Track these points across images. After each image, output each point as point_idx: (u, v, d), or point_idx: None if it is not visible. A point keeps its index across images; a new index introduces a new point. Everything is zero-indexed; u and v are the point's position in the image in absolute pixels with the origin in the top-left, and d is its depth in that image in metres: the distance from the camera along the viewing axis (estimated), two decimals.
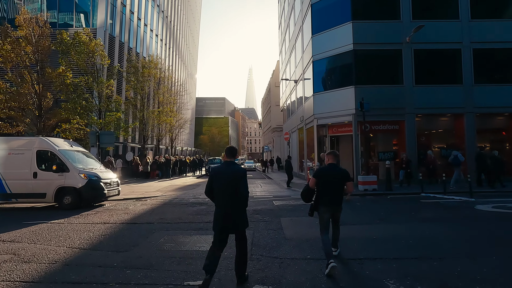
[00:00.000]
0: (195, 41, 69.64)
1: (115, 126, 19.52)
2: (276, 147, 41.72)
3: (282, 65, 31.45)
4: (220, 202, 3.66)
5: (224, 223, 3.62)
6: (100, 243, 5.55)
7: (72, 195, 9.20)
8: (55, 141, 9.88)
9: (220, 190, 3.65)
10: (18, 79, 16.37)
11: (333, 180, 4.44)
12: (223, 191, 3.62)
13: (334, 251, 4.71)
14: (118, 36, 28.34)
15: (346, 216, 7.51)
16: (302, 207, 9.11)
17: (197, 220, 7.36)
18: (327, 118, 15.97)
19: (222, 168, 3.73)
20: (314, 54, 16.51)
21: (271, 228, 6.52)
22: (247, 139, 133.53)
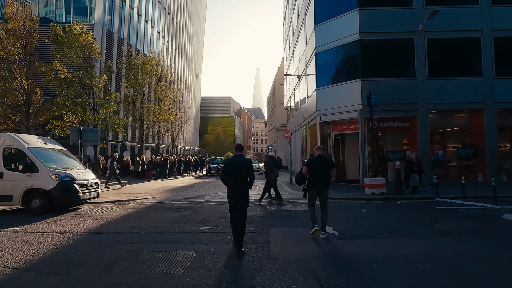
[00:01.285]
0: (200, 41, 68.86)
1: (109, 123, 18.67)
2: (281, 147, 40.52)
3: (286, 61, 30.25)
4: (232, 184, 4.89)
5: (234, 198, 4.88)
6: (42, 260, 4.53)
7: (42, 198, 8.24)
8: (25, 138, 8.95)
9: (232, 176, 4.87)
10: (6, 74, 15.64)
11: (321, 167, 5.77)
12: (234, 176, 4.85)
13: (323, 234, 5.64)
14: (116, 32, 27.60)
15: (349, 226, 6.34)
16: (298, 213, 7.94)
17: (172, 230, 6.29)
18: (331, 115, 14.73)
19: (233, 159, 5.00)
20: (317, 46, 15.29)
21: (256, 241, 5.39)
22: (253, 139, 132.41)
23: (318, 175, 5.74)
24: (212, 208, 9.04)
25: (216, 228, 6.38)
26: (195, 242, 5.41)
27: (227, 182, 4.97)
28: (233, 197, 4.88)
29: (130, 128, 29.63)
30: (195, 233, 6.05)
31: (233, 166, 4.91)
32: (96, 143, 12.96)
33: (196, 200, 10.58)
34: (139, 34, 32.32)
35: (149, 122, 26.47)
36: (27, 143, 8.74)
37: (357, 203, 9.82)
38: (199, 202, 10.09)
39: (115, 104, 19.00)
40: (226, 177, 4.99)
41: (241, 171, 4.83)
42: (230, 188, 4.92)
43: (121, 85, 26.65)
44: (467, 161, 13.47)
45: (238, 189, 4.84)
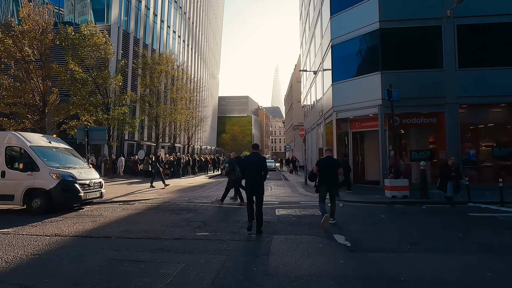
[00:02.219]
0: (217, 40, 68.95)
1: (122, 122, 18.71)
2: (298, 146, 39.52)
3: (303, 57, 29.26)
4: (250, 176, 5.86)
5: (252, 189, 5.81)
6: (16, 269, 4.11)
7: (42, 198, 8.02)
8: (28, 137, 8.79)
9: (250, 170, 5.88)
10: (23, 74, 15.95)
11: (329, 167, 6.55)
12: (252, 170, 5.86)
13: (332, 220, 6.58)
14: (132, 32, 27.84)
15: (364, 235, 5.51)
16: (307, 219, 7.17)
17: (166, 235, 5.74)
18: (349, 111, 13.74)
19: (251, 156, 6.06)
20: (333, 38, 14.33)
21: (254, 252, 4.71)
22: (271, 138, 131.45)
23: (327, 173, 6.59)
24: (216, 210, 8.47)
25: (213, 235, 5.77)
26: (186, 250, 4.82)
27: (246, 175, 6.00)
28: (251, 187, 5.87)
29: (146, 128, 29.89)
30: (189, 239, 5.47)
31: (251, 162, 5.99)
32: (103, 141, 12.82)
33: (202, 202, 10.05)
34: (155, 34, 32.54)
35: (164, 122, 26.51)
36: (30, 141, 8.57)
37: (375, 207, 8.88)
38: (204, 204, 9.56)
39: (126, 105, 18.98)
40: (245, 172, 6.06)
41: (257, 165, 5.93)
42: (249, 180, 5.92)
43: (137, 85, 26.85)
44: (504, 161, 12.02)
45: (255, 181, 5.86)
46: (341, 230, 6.00)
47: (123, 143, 25.98)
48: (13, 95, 15.52)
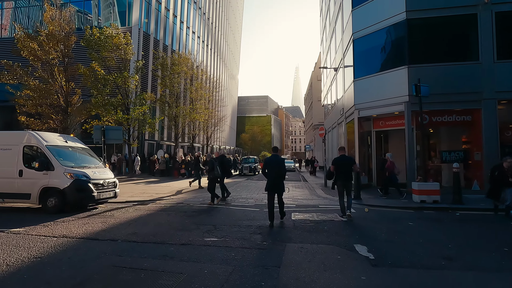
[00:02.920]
0: (237, 40, 69.01)
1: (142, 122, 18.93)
2: (318, 146, 38.50)
3: (323, 55, 28.37)
4: (271, 176, 6.62)
5: (273, 186, 6.60)
6: (14, 274, 3.94)
7: (57, 197, 8.02)
8: (45, 136, 8.87)
9: (271, 170, 6.63)
10: (48, 76, 16.48)
11: (344, 165, 7.19)
12: (272, 170, 6.62)
13: (348, 213, 7.09)
14: (153, 34, 28.25)
15: (389, 246, 4.89)
16: (326, 225, 6.60)
17: (173, 240, 5.42)
18: (371, 109, 12.90)
19: (271, 158, 6.83)
20: (355, 32, 13.54)
21: (264, 263, 4.25)
22: (291, 138, 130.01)
23: (342, 171, 7.18)
24: (229, 213, 8.10)
25: (222, 241, 5.38)
26: (191, 258, 4.46)
27: (268, 175, 6.76)
28: (272, 185, 6.65)
29: (166, 128, 30.27)
30: (196, 245, 5.11)
31: (272, 163, 6.75)
32: (120, 141, 12.89)
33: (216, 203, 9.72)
34: (174, 35, 32.90)
35: (183, 121, 26.69)
36: (46, 141, 8.63)
37: (402, 213, 8.12)
38: (217, 206, 9.22)
39: (145, 105, 19.16)
40: (266, 171, 6.76)
41: (277, 166, 6.69)
42: (270, 179, 6.70)
43: (157, 85, 27.22)
44: None
45: (275, 179, 6.67)
46: (363, 239, 5.40)
47: (143, 143, 26.43)
48: (39, 96, 16.07)
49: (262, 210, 8.48)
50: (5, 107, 20.68)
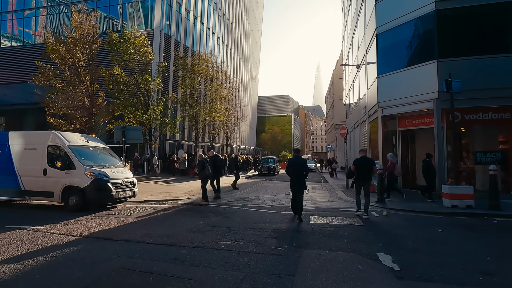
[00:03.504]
0: (257, 40, 68.89)
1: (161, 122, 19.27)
2: (339, 146, 37.49)
3: (345, 52, 27.51)
4: (294, 175, 7.23)
5: (296, 184, 7.19)
6: (27, 273, 3.94)
7: (77, 196, 8.21)
8: (67, 136, 9.13)
9: (294, 169, 7.26)
10: (75, 78, 17.15)
11: (364, 166, 7.62)
12: (296, 169, 7.23)
13: (365, 216, 7.38)
14: (174, 35, 28.73)
15: (417, 257, 4.45)
16: (346, 230, 6.21)
17: (185, 242, 5.29)
18: (397, 107, 12.20)
19: (294, 159, 7.51)
20: (379, 26, 12.88)
21: (278, 271, 3.98)
22: (312, 138, 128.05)
23: (362, 171, 7.61)
24: (245, 214, 7.89)
25: (236, 244, 5.17)
26: (201, 263, 4.28)
27: (291, 174, 7.33)
28: (296, 184, 7.24)
29: (186, 128, 30.71)
30: (209, 249, 4.93)
31: (295, 163, 7.37)
32: (140, 141, 13.10)
33: (233, 204, 9.57)
34: (195, 36, 33.29)
35: (203, 121, 26.95)
36: (68, 140, 8.87)
37: (431, 218, 7.52)
38: (234, 207, 9.05)
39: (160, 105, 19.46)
40: (290, 171, 7.35)
41: (299, 166, 7.26)
42: (293, 178, 7.29)
43: (177, 86, 27.65)
44: None
45: (298, 179, 7.22)
46: (387, 247, 4.98)
47: (165, 143, 26.96)
48: (66, 98, 16.76)
49: (279, 212, 8.20)
50: (37, 109, 21.86)
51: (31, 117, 28.94)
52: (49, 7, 29.96)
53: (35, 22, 30.50)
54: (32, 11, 30.18)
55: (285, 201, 10.21)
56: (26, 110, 28.38)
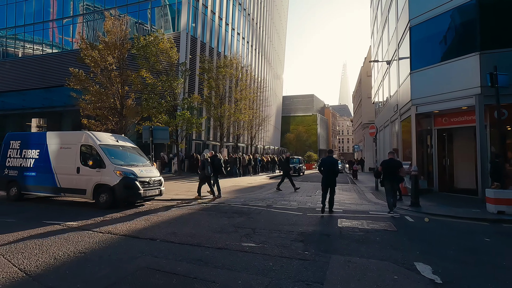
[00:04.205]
0: (282, 40, 68.39)
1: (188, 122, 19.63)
2: (368, 146, 36.10)
3: (374, 48, 26.38)
4: (326, 174, 8.10)
5: (328, 183, 7.99)
6: (58, 268, 4.06)
7: (108, 193, 8.49)
8: (98, 136, 9.49)
9: (326, 168, 8.17)
10: (106, 81, 17.94)
11: (391, 167, 8.12)
12: (328, 168, 8.14)
13: (391, 214, 7.91)
14: (199, 37, 29.23)
15: (460, 268, 4.01)
16: (378, 235, 5.81)
17: (209, 243, 5.20)
18: (432, 104, 11.38)
19: (327, 158, 8.33)
20: (412, 18, 12.11)
21: (305, 278, 3.75)
22: (338, 138, 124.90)
23: (389, 172, 8.11)
24: (270, 216, 7.70)
25: (260, 247, 5.00)
26: (225, 265, 4.16)
27: (323, 173, 8.23)
28: (327, 181, 8.02)
29: (211, 128, 31.13)
30: (233, 250, 4.81)
31: (327, 163, 8.24)
32: (166, 140, 13.36)
33: (257, 204, 9.42)
34: (220, 37, 33.67)
35: (228, 122, 27.18)
36: (100, 140, 9.21)
37: (474, 225, 6.86)
38: (258, 207, 8.90)
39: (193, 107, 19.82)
40: (322, 169, 8.34)
41: (331, 165, 8.19)
42: (325, 176, 8.12)
43: (203, 87, 28.10)
44: None
45: (330, 177, 8.06)
46: (425, 256, 4.55)
47: (191, 143, 27.51)
48: (98, 100, 17.58)
49: (305, 214, 7.92)
50: (74, 110, 23.19)
51: (69, 118, 30.89)
52: (84, 15, 31.75)
53: (73, 30, 32.46)
54: (70, 19, 32.17)
55: (311, 202, 9.89)
56: (64, 112, 30.35)
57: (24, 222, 6.76)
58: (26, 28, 33.77)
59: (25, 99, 31.63)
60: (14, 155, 9.96)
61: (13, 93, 31.26)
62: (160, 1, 28.66)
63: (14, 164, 9.89)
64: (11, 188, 9.85)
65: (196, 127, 20.39)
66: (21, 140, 10.11)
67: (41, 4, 33.09)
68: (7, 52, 34.81)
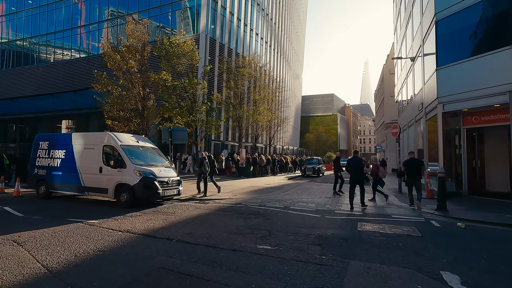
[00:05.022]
0: (301, 40, 67.70)
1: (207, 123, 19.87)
2: (390, 147, 34.83)
3: (397, 44, 25.42)
4: (353, 172, 9.08)
5: (355, 181, 9.00)
6: (77, 266, 4.17)
7: (128, 193, 8.71)
8: (120, 136, 9.77)
9: (353, 167, 9.14)
10: (128, 83, 18.51)
11: (413, 166, 8.91)
12: (355, 167, 9.10)
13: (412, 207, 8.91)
14: (218, 39, 29.52)
15: (495, 280, 3.70)
16: (401, 240, 5.51)
17: (225, 244, 5.16)
18: (461, 102, 10.73)
19: (353, 158, 9.43)
20: (438, 11, 11.49)
21: (321, 284, 3.60)
22: (360, 138, 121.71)
23: (412, 171, 8.85)
24: (287, 218, 7.56)
25: (276, 250, 4.89)
26: (239, 268, 4.09)
27: (350, 172, 9.17)
28: (354, 178, 9.02)
29: (230, 128, 31.35)
30: (248, 253, 4.74)
31: (353, 162, 9.22)
32: (185, 141, 13.56)
33: (274, 206, 9.30)
34: (239, 38, 33.83)
35: (246, 123, 27.26)
36: (121, 141, 9.49)
37: (508, 232, 6.35)
38: (275, 209, 8.78)
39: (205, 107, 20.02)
40: (349, 168, 9.29)
41: (357, 164, 9.12)
42: (352, 173, 9.10)
43: (222, 88, 28.36)
44: None
45: (357, 174, 9.03)
46: (453, 265, 4.24)
47: (210, 143, 27.82)
48: (121, 102, 18.16)
49: (323, 216, 7.71)
50: (99, 112, 24.16)
51: (95, 119, 32.21)
52: (109, 20, 33.04)
53: (99, 35, 33.85)
54: (96, 24, 33.59)
55: (329, 204, 9.63)
56: (91, 113, 31.69)
57: (50, 219, 7.08)
58: (56, 34, 35.66)
59: (56, 102, 33.36)
60: (43, 155, 10.49)
61: (45, 96, 33.08)
62: (180, 4, 29.22)
63: (43, 164, 10.42)
64: (40, 187, 10.38)
65: (215, 128, 20.59)
66: (49, 141, 10.63)
67: (70, 12, 34.81)
68: (40, 58, 36.91)
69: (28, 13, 37.32)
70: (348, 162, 9.60)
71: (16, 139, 38.83)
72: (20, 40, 37.93)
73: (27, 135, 37.43)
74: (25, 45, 37.71)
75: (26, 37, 37.43)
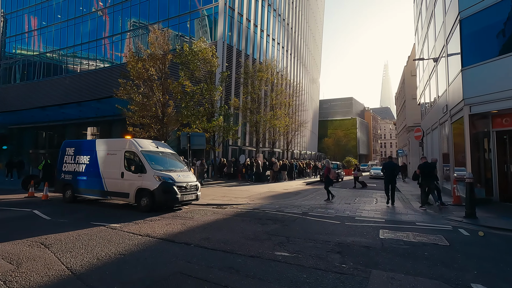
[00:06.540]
0: (318, 44, 67.29)
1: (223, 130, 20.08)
2: (413, 150, 33.53)
3: (419, 45, 24.63)
4: (386, 175, 10.89)
5: (388, 181, 10.76)
6: (99, 268, 4.28)
7: (148, 197, 8.90)
8: (140, 142, 10.04)
9: (387, 171, 10.90)
10: (149, 91, 19.09)
11: (427, 169, 10.03)
12: (388, 171, 10.86)
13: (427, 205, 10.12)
14: (235, 45, 29.91)
15: None
16: (426, 249, 5.24)
17: (242, 250, 5.13)
18: (489, 103, 10.16)
19: (387, 163, 11.16)
20: (462, 10, 11.03)
21: None
22: (380, 142, 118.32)
23: (426, 174, 9.96)
24: (305, 224, 7.42)
25: (294, 257, 4.79)
26: (256, 275, 4.03)
27: (385, 174, 10.91)
28: (388, 180, 10.77)
29: (248, 133, 31.48)
30: (265, 259, 4.67)
31: (387, 166, 10.92)
32: (203, 146, 13.73)
33: (292, 211, 9.17)
34: (255, 44, 34.11)
35: (264, 128, 27.31)
36: (141, 146, 9.75)
37: None
38: (293, 214, 8.65)
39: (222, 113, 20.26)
40: (384, 171, 11.01)
41: (390, 168, 10.87)
42: (386, 176, 10.85)
43: (240, 93, 28.62)
44: None
45: (390, 176, 10.72)
46: (484, 277, 3.97)
47: (227, 148, 28.05)
48: (142, 109, 18.74)
49: (343, 223, 7.50)
50: (121, 119, 25.04)
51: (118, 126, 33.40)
52: (132, 31, 34.40)
53: (121, 45, 35.30)
54: (119, 35, 35.07)
55: (349, 211, 9.37)
56: (113, 120, 32.88)
57: (74, 222, 7.35)
58: (82, 46, 37.55)
59: (81, 110, 34.98)
60: (69, 161, 10.97)
61: (72, 104, 34.79)
62: (198, 12, 29.94)
63: (69, 169, 10.89)
64: (66, 191, 10.84)
65: (232, 134, 20.75)
66: (75, 147, 11.12)
67: (96, 24, 36.60)
68: (67, 69, 38.95)
69: (58, 27, 39.59)
70: (383, 167, 11.21)
71: (45, 146, 40.95)
72: (50, 52, 40.20)
73: (55, 141, 39.37)
74: (54, 57, 39.92)
75: (55, 49, 39.62)
